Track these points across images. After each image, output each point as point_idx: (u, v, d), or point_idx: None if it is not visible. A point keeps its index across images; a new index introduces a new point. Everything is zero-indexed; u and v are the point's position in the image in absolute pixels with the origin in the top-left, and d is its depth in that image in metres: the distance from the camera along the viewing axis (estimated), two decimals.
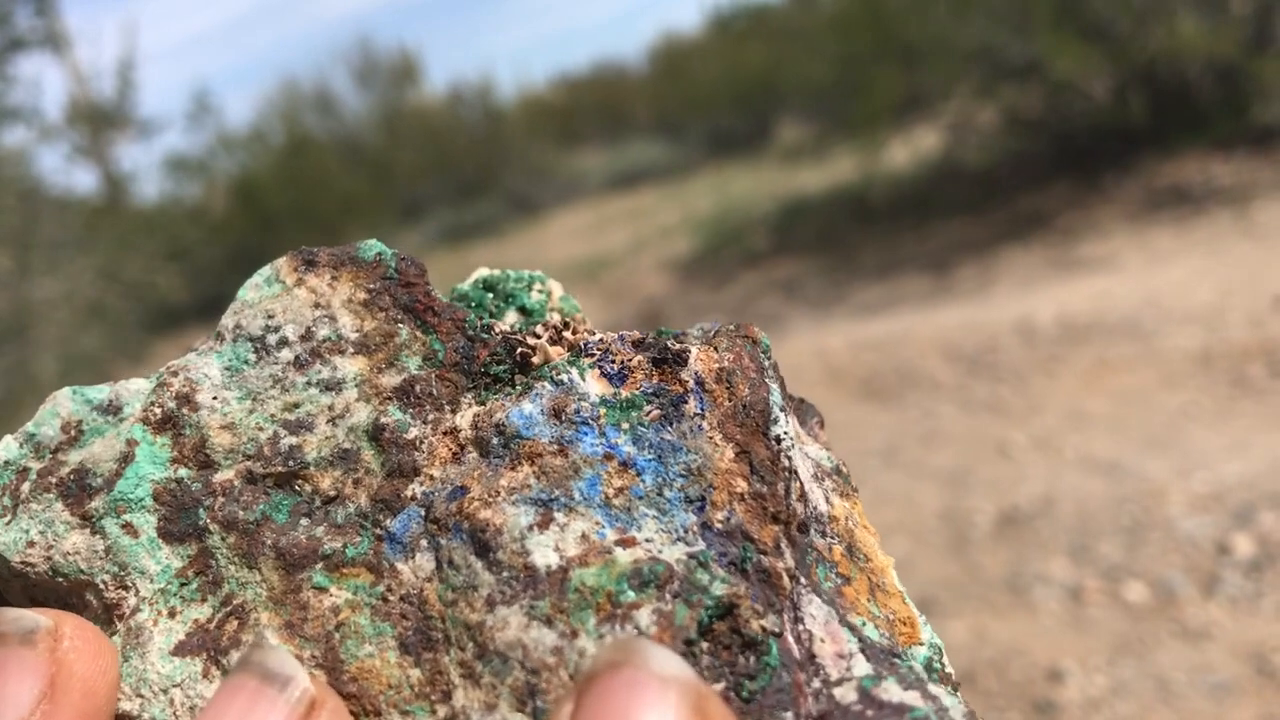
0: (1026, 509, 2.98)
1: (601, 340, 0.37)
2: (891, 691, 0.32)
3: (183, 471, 0.36)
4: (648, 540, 0.33)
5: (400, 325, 0.38)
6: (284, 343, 0.38)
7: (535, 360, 0.37)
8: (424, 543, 0.34)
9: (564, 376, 0.36)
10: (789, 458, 0.35)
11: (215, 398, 0.37)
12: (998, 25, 6.77)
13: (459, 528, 0.33)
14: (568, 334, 0.37)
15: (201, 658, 0.34)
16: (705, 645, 0.31)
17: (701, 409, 0.35)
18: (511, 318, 0.41)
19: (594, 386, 0.36)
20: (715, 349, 0.36)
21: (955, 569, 2.81)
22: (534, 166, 13.76)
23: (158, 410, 0.37)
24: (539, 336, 0.37)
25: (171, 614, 0.35)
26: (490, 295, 0.41)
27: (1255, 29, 6.10)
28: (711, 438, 0.34)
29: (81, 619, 0.34)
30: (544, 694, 0.30)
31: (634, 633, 0.30)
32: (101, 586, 0.35)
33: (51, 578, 0.35)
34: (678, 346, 0.36)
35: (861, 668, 0.33)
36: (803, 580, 0.34)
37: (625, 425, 0.35)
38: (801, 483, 0.36)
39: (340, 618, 0.33)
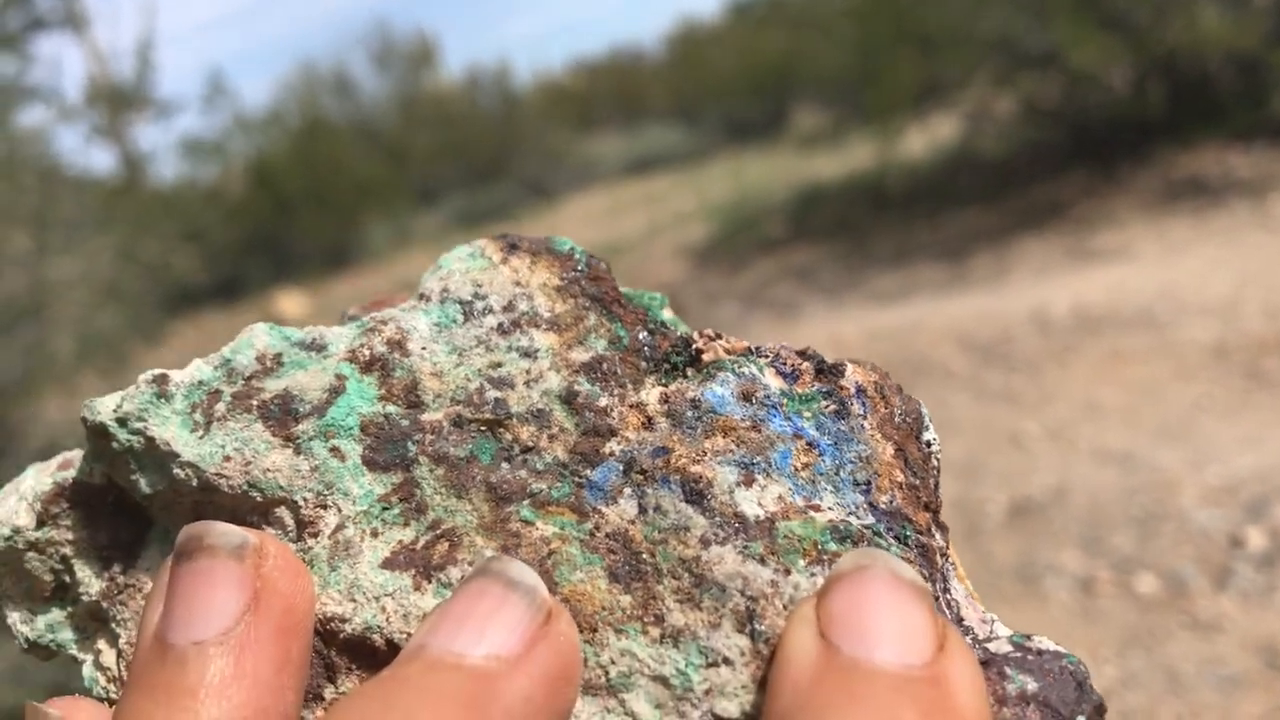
0: (1038, 499, 2.98)
1: (769, 346, 0.41)
2: (1044, 643, 0.35)
3: (391, 408, 0.39)
4: (830, 509, 0.36)
5: (589, 311, 0.42)
6: (489, 310, 0.41)
7: (707, 357, 0.40)
8: (627, 490, 0.37)
9: (745, 369, 0.39)
10: (937, 459, 0.40)
11: (424, 348, 0.40)
12: (1016, 14, 6.73)
13: (667, 479, 0.36)
14: (721, 340, 0.41)
15: (410, 573, 0.36)
16: None
17: (864, 411, 0.39)
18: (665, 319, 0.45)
19: (773, 380, 0.39)
20: (863, 367, 0.40)
21: (966, 558, 2.81)
22: (549, 152, 13.76)
23: (366, 352, 0.40)
24: (699, 338, 0.41)
25: (374, 534, 0.37)
26: (635, 305, 0.44)
27: (1277, 21, 6.06)
28: (873, 435, 0.38)
29: (281, 542, 0.35)
30: (762, 618, 0.33)
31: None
32: (301, 504, 0.37)
33: (246, 492, 0.37)
34: (834, 360, 0.40)
35: (1004, 630, 0.37)
36: (949, 560, 0.38)
37: (807, 414, 0.38)
38: None
39: (551, 546, 0.36)
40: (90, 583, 0.39)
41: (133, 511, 0.39)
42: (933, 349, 4.36)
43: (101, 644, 0.39)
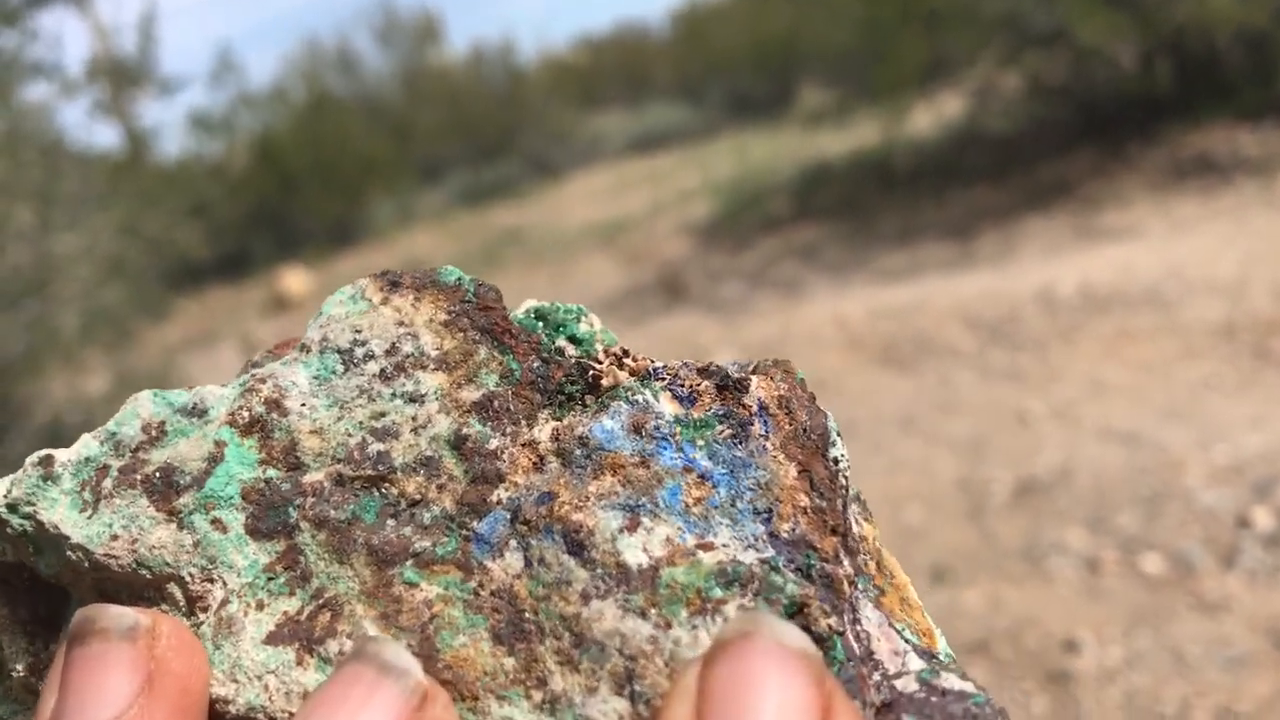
0: (1044, 478, 2.98)
1: (668, 366, 0.39)
2: (950, 680, 0.34)
3: (271, 472, 0.38)
4: (724, 545, 0.35)
5: (479, 345, 0.40)
6: (370, 356, 0.40)
7: (605, 382, 0.39)
8: (513, 543, 0.36)
9: (639, 397, 0.38)
10: (845, 477, 0.38)
11: (304, 404, 0.39)
12: None
13: (550, 529, 0.36)
14: (629, 361, 0.40)
15: (294, 646, 0.36)
16: None
17: (766, 431, 0.37)
18: (561, 346, 0.44)
19: (667, 407, 0.38)
20: (771, 379, 0.39)
21: (971, 537, 2.81)
22: (554, 128, 13.73)
23: (245, 414, 0.39)
24: (602, 362, 0.40)
25: (260, 606, 0.36)
26: (541, 324, 0.43)
27: None
28: (776, 457, 0.37)
29: (175, 619, 0.35)
30: (641, 679, 0.32)
31: (724, 625, 0.32)
32: (187, 579, 0.37)
33: (135, 570, 0.36)
34: (738, 375, 0.39)
35: (916, 663, 0.36)
36: (859, 586, 0.37)
37: (700, 442, 0.37)
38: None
39: (434, 610, 0.35)
40: (18, 660, 0.39)
41: (49, 586, 0.39)
42: (939, 328, 4.35)
43: None
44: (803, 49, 11.90)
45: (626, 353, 0.40)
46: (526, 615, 0.34)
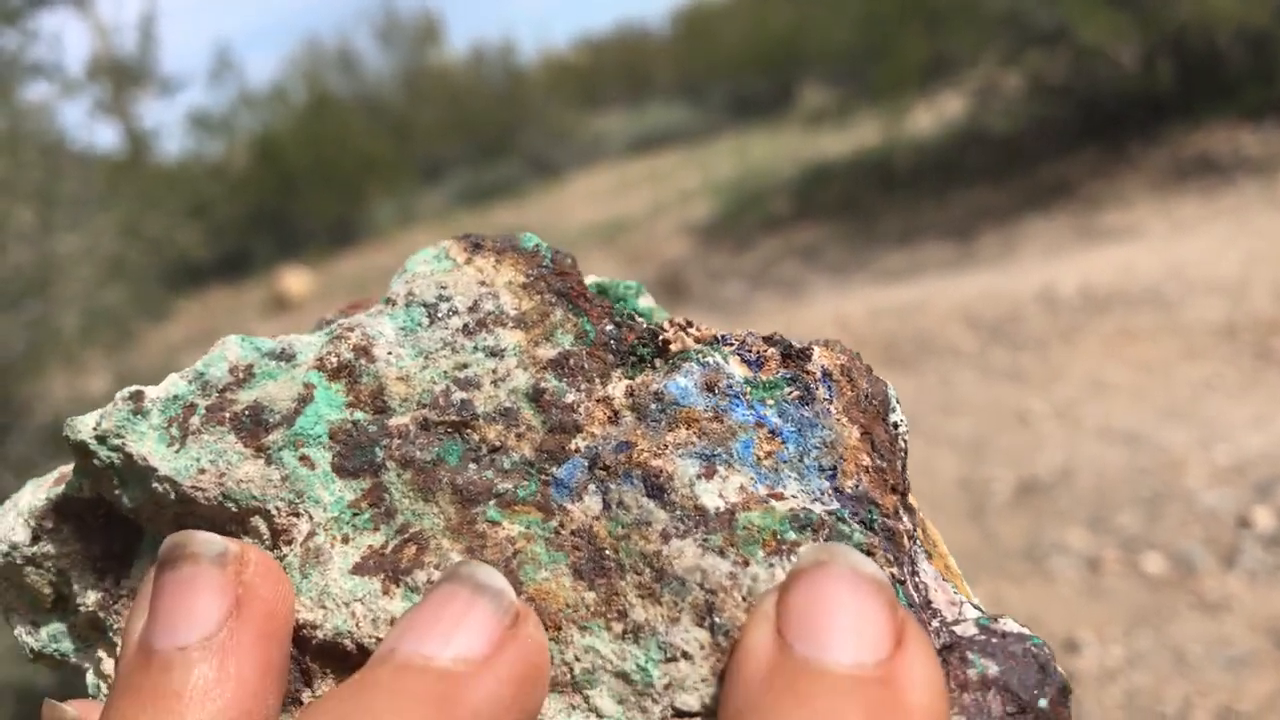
0: (1045, 478, 2.98)
1: (735, 334, 0.41)
2: (1009, 625, 0.36)
3: (359, 414, 0.40)
4: (794, 496, 0.36)
5: (555, 307, 0.42)
6: (454, 311, 0.42)
7: (674, 347, 0.40)
8: (591, 487, 0.37)
9: (710, 359, 0.39)
10: (904, 441, 0.40)
11: (390, 353, 0.41)
12: None
13: (629, 474, 0.37)
14: (692, 330, 0.41)
15: (380, 577, 0.37)
16: None
17: (830, 395, 0.39)
18: (630, 313, 0.46)
19: (737, 369, 0.39)
20: (831, 349, 0.40)
21: (973, 537, 2.81)
22: (555, 128, 13.73)
23: (334, 359, 0.41)
24: (669, 329, 0.41)
25: (345, 540, 0.38)
26: (603, 297, 0.44)
27: None
28: (839, 419, 0.38)
29: (261, 549, 0.36)
30: (721, 611, 0.34)
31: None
32: (274, 513, 0.38)
33: (221, 503, 0.38)
34: (801, 344, 0.40)
35: (972, 612, 0.37)
36: (918, 542, 0.39)
37: (770, 401, 0.38)
38: None
39: (516, 546, 0.37)
40: (87, 594, 0.40)
41: (123, 523, 0.40)
42: (940, 328, 4.35)
43: (101, 652, 0.40)
44: (804, 49, 11.91)
45: (690, 323, 0.41)
46: (607, 553, 0.36)
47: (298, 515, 0.38)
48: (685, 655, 0.33)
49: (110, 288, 4.31)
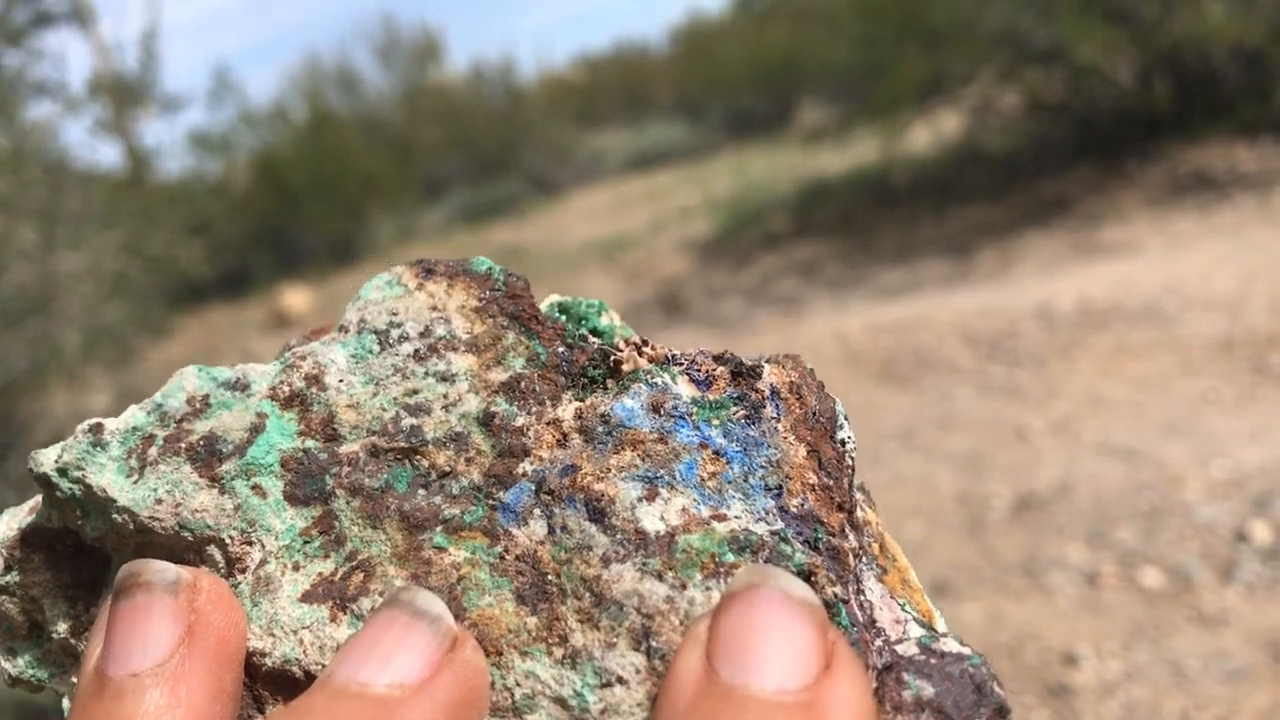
0: (1043, 493, 2.99)
1: (685, 354, 0.41)
2: (949, 644, 0.36)
3: (310, 443, 0.40)
4: (737, 517, 0.36)
5: (507, 330, 0.42)
6: (405, 338, 0.42)
7: (625, 367, 0.41)
8: (537, 511, 0.38)
9: (658, 380, 0.40)
10: (852, 458, 0.40)
11: (341, 380, 0.42)
12: (1022, 8, 6.72)
13: (573, 498, 0.37)
14: (647, 350, 0.41)
15: (328, 604, 0.37)
16: None
17: (777, 414, 0.39)
18: (584, 334, 0.46)
19: (685, 389, 0.40)
20: (782, 367, 0.41)
21: (971, 552, 2.81)
22: (554, 146, 13.74)
23: (286, 389, 0.41)
24: (623, 350, 0.42)
25: (296, 568, 0.38)
26: (564, 317, 0.45)
27: None
28: (786, 438, 0.39)
29: (215, 576, 0.37)
30: (658, 635, 0.34)
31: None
32: (228, 541, 0.38)
33: (178, 532, 0.38)
34: (751, 362, 0.41)
35: (916, 630, 0.37)
36: (863, 560, 0.39)
37: (716, 421, 0.39)
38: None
39: (461, 572, 0.37)
40: (59, 622, 0.41)
41: (92, 552, 0.41)
42: (938, 344, 4.36)
43: (74, 678, 0.41)
44: (802, 67, 11.92)
45: (646, 342, 0.42)
46: (549, 578, 0.36)
47: (250, 544, 0.38)
48: (620, 680, 0.34)
49: (112, 305, 4.32)
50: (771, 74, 13.03)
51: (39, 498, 0.42)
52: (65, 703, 0.41)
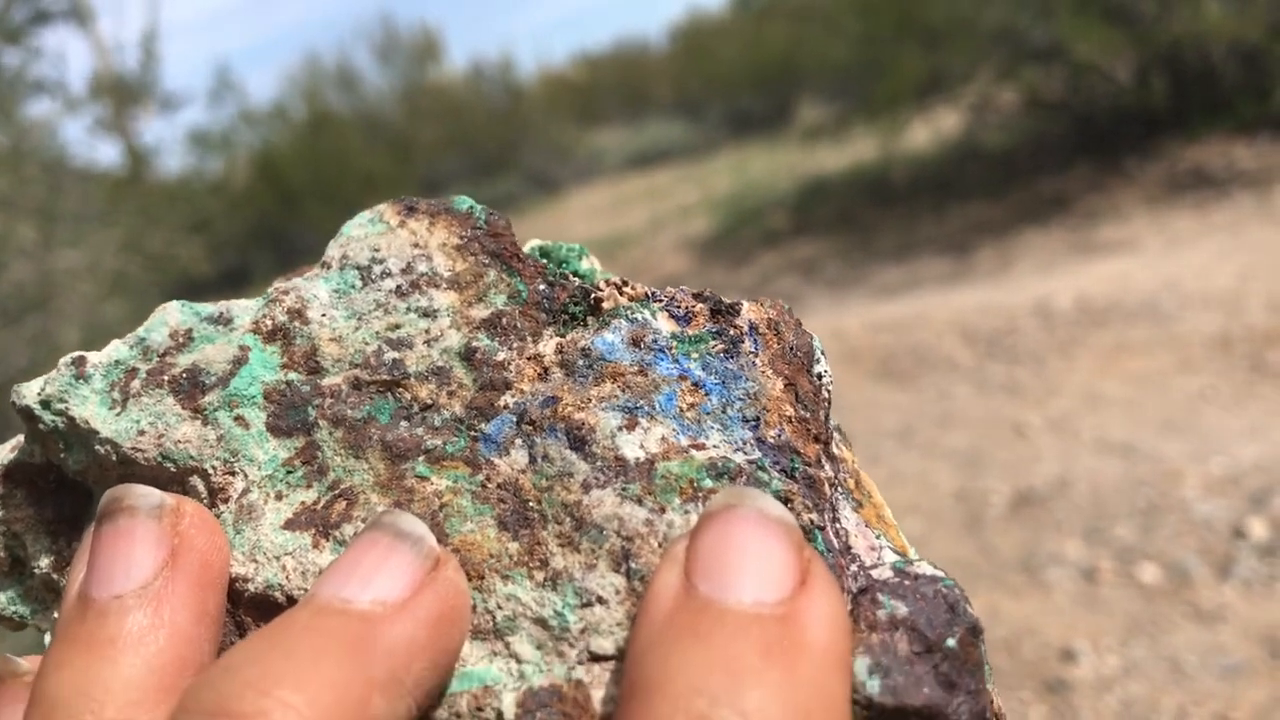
0: (1041, 490, 2.99)
1: (665, 291, 0.42)
2: (923, 568, 0.37)
3: (293, 375, 0.41)
4: (715, 447, 0.37)
5: (488, 268, 0.43)
6: (387, 273, 0.43)
7: (606, 305, 0.41)
8: (518, 441, 0.38)
9: (638, 315, 0.41)
10: (828, 391, 0.41)
11: (324, 315, 0.42)
12: (1020, 6, 6.73)
13: (554, 428, 0.38)
14: (628, 288, 0.42)
15: (310, 532, 0.38)
16: None
17: (755, 348, 0.40)
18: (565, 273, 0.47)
19: (664, 324, 0.40)
20: (761, 305, 0.41)
21: (969, 549, 2.82)
22: (554, 144, 13.75)
23: (269, 322, 0.42)
24: (603, 288, 0.42)
25: (279, 497, 0.39)
26: (546, 260, 0.45)
27: None
28: (764, 371, 0.39)
29: (197, 502, 0.37)
30: (637, 557, 0.35)
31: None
32: (210, 472, 0.39)
33: (160, 463, 0.39)
34: (730, 300, 0.41)
35: (891, 556, 0.38)
36: (839, 491, 0.39)
37: (695, 355, 0.39)
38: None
39: (444, 500, 0.37)
40: (41, 557, 0.41)
41: (74, 486, 0.42)
42: (937, 341, 4.37)
43: (57, 614, 0.41)
44: (801, 66, 11.92)
45: (626, 281, 0.42)
46: (530, 504, 0.37)
47: (233, 474, 0.39)
48: (600, 600, 0.34)
49: (111, 303, 4.32)
50: (771, 73, 13.03)
51: (20, 436, 0.43)
52: (47, 638, 0.40)
